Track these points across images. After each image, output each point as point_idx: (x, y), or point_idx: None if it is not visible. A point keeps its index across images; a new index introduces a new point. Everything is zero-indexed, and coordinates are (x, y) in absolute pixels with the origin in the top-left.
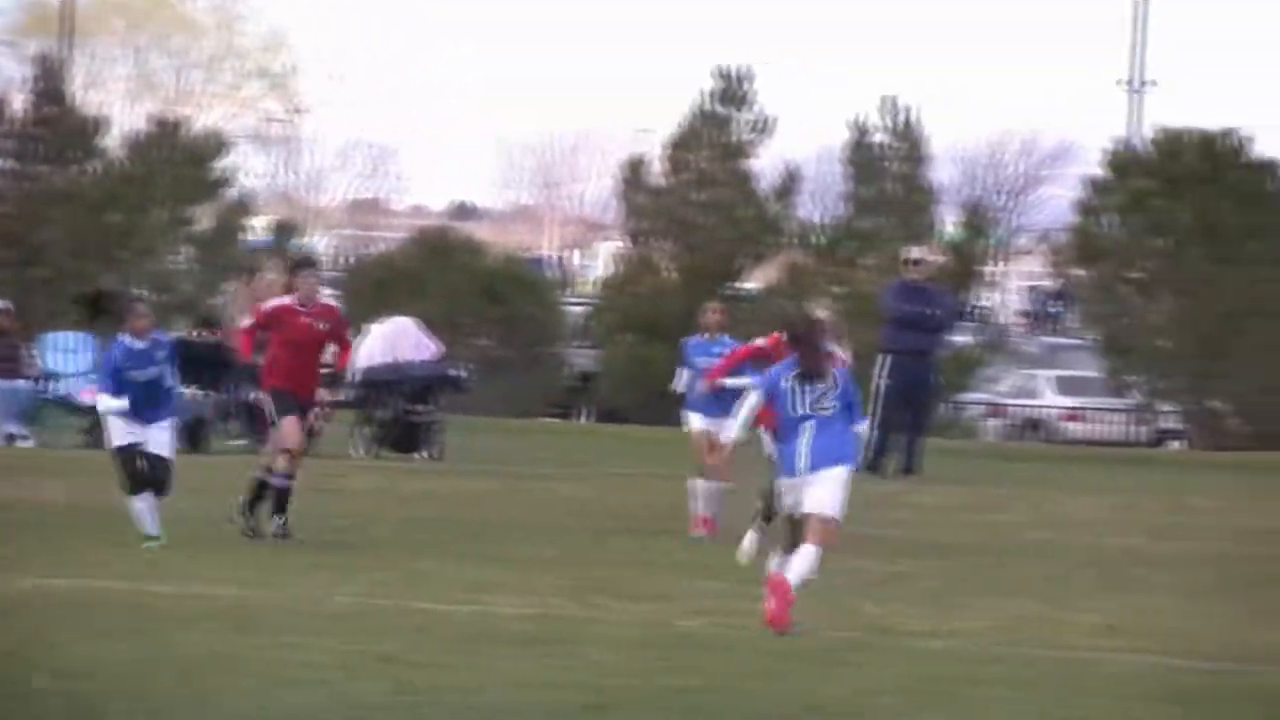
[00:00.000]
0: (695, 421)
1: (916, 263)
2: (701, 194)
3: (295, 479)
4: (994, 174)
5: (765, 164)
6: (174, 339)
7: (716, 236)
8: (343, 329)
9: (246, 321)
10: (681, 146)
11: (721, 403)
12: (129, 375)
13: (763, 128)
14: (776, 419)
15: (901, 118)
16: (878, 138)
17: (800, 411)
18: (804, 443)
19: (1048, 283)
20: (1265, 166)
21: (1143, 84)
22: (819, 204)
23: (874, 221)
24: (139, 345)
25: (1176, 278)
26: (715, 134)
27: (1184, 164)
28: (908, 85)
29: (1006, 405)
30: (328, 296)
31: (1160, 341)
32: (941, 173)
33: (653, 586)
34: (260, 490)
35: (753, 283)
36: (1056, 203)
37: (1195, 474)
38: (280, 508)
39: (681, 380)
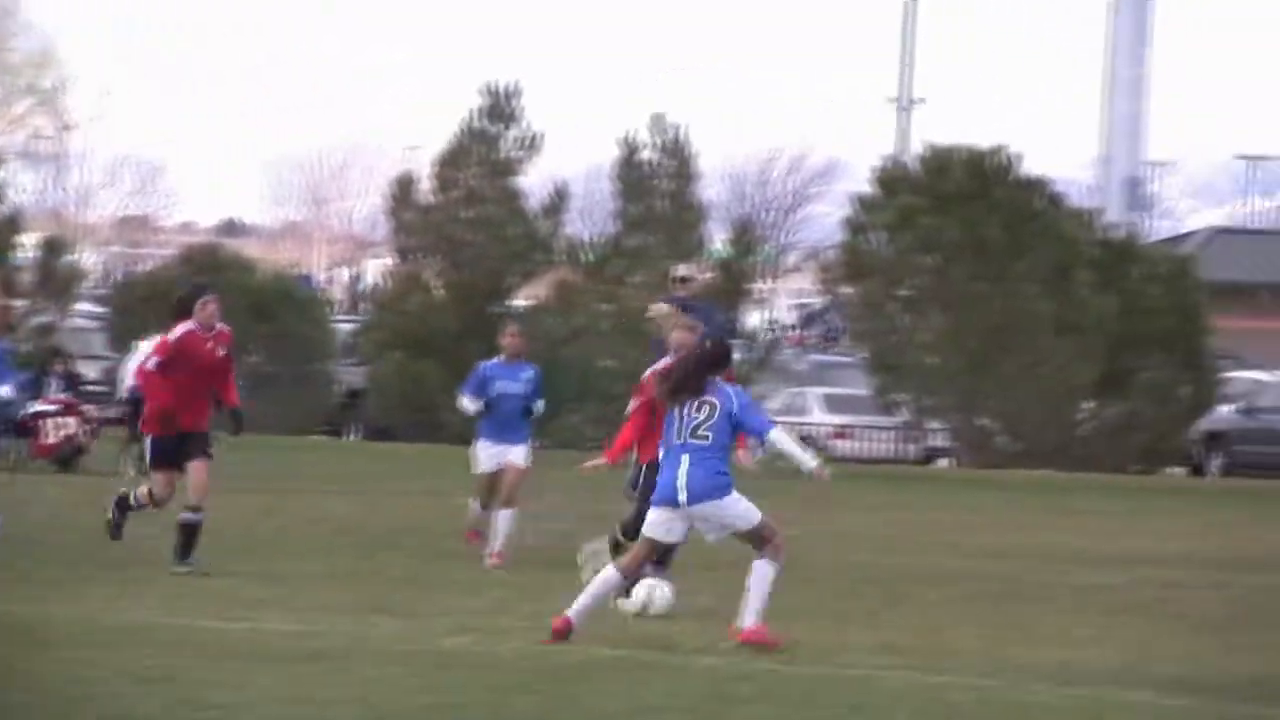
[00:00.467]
0: (483, 451)
1: (685, 280)
2: (470, 211)
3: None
4: (763, 191)
5: (534, 181)
6: None
7: (485, 254)
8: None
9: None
10: (450, 164)
11: (514, 428)
12: None
13: (531, 145)
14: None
15: (671, 135)
16: (647, 155)
17: (678, 440)
18: (682, 472)
19: (815, 300)
20: (1033, 184)
21: (911, 101)
22: (588, 221)
23: (642, 239)
24: None
25: (944, 295)
26: (483, 151)
27: (952, 181)
28: (678, 102)
29: (775, 422)
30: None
31: (928, 358)
32: (710, 190)
33: (420, 604)
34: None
35: (521, 300)
36: (825, 220)
37: (964, 492)
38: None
39: (470, 404)
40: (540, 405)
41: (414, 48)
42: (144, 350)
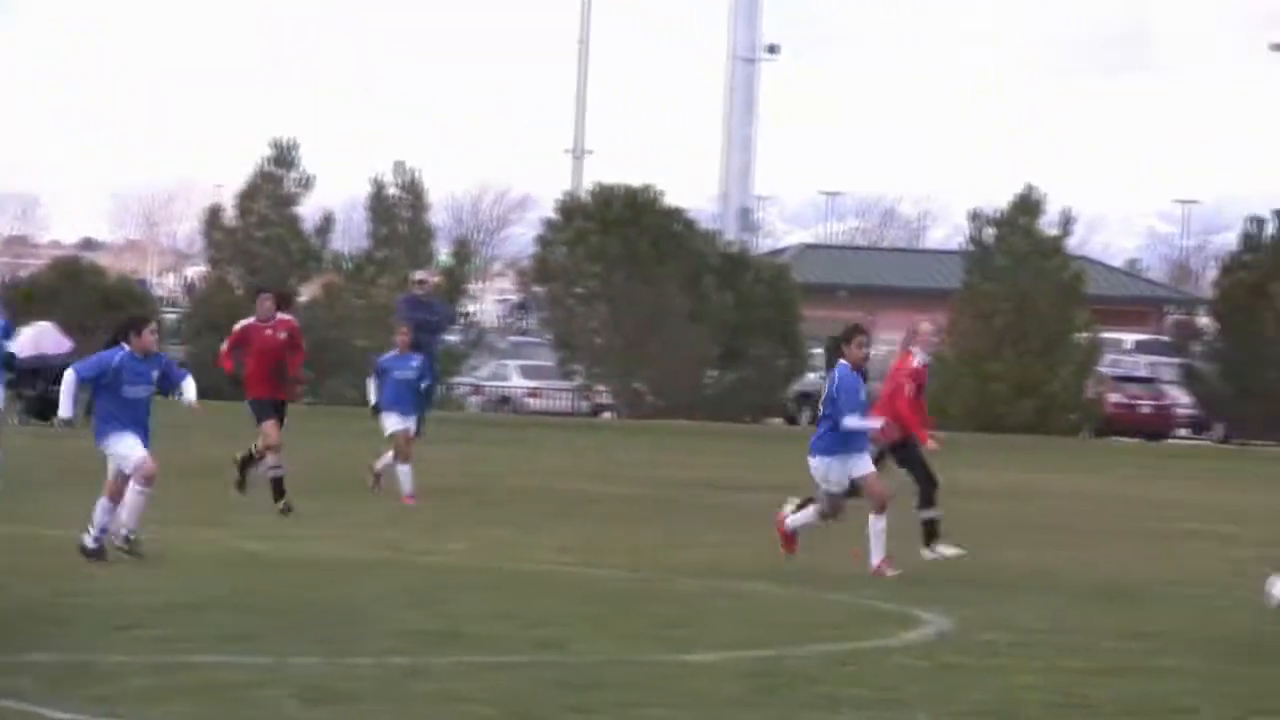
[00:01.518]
0: (393, 421)
1: (421, 282)
2: (262, 232)
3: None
4: (475, 217)
5: (308, 210)
6: None
7: (273, 263)
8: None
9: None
10: (248, 197)
11: (408, 403)
12: None
13: (306, 183)
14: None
15: (408, 176)
16: (391, 191)
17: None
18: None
19: (514, 296)
20: (672, 212)
21: (584, 152)
22: (348, 239)
23: (388, 252)
24: None
25: (608, 293)
26: (271, 188)
27: (614, 210)
28: (414, 150)
29: (485, 386)
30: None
31: (596, 339)
32: (438, 216)
33: (228, 519)
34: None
35: (302, 297)
36: (521, 238)
37: (623, 437)
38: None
39: (372, 390)
40: (426, 384)
41: (220, 99)
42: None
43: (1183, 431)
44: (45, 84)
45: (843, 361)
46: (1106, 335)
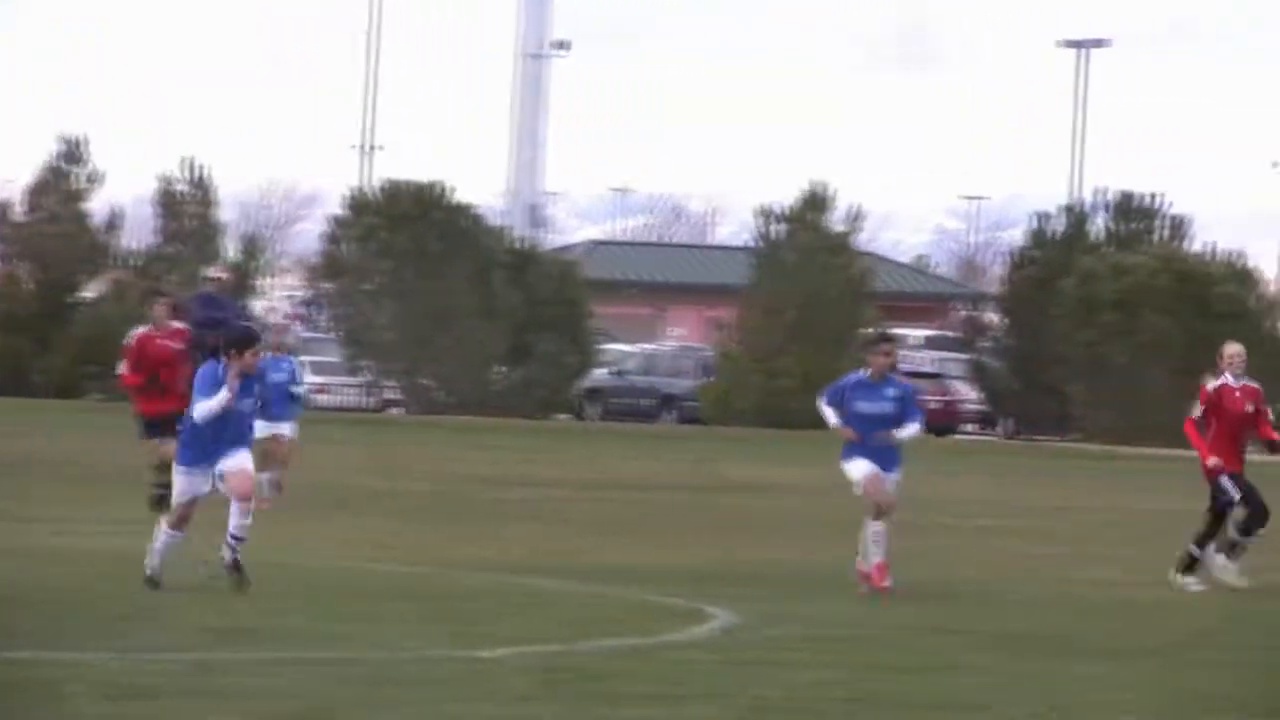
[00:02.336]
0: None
1: (212, 279)
2: (52, 227)
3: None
4: (264, 213)
5: (97, 206)
6: None
7: (62, 258)
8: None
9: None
10: (37, 193)
11: (283, 407)
12: None
13: (95, 179)
14: None
15: (196, 172)
16: (179, 187)
17: None
18: None
19: (302, 292)
20: (461, 208)
21: (373, 147)
22: (137, 235)
23: (176, 248)
24: None
25: (396, 289)
26: (61, 184)
27: (402, 207)
28: (202, 146)
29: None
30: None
31: (385, 335)
32: (226, 212)
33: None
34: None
35: (89, 292)
36: (310, 234)
37: (411, 432)
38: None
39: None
40: (300, 389)
41: (9, 94)
42: None
43: (970, 427)
44: None
45: (859, 370)
46: (896, 331)
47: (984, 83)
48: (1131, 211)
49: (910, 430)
